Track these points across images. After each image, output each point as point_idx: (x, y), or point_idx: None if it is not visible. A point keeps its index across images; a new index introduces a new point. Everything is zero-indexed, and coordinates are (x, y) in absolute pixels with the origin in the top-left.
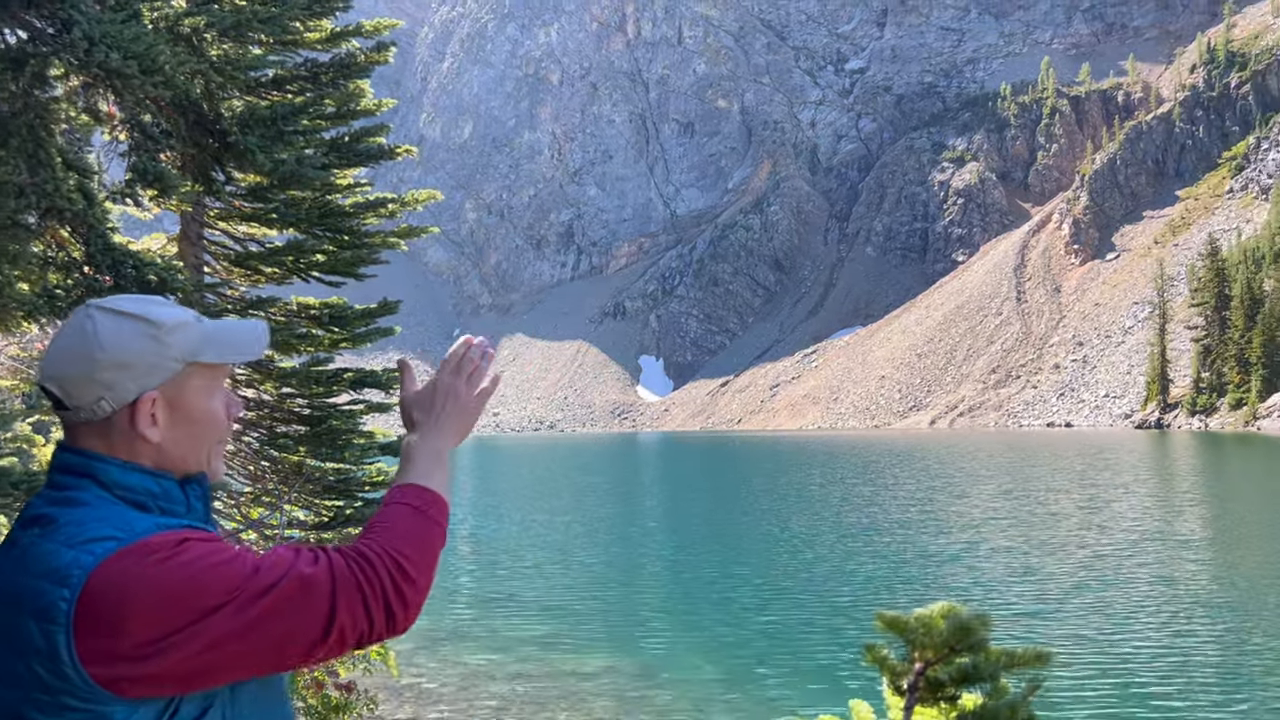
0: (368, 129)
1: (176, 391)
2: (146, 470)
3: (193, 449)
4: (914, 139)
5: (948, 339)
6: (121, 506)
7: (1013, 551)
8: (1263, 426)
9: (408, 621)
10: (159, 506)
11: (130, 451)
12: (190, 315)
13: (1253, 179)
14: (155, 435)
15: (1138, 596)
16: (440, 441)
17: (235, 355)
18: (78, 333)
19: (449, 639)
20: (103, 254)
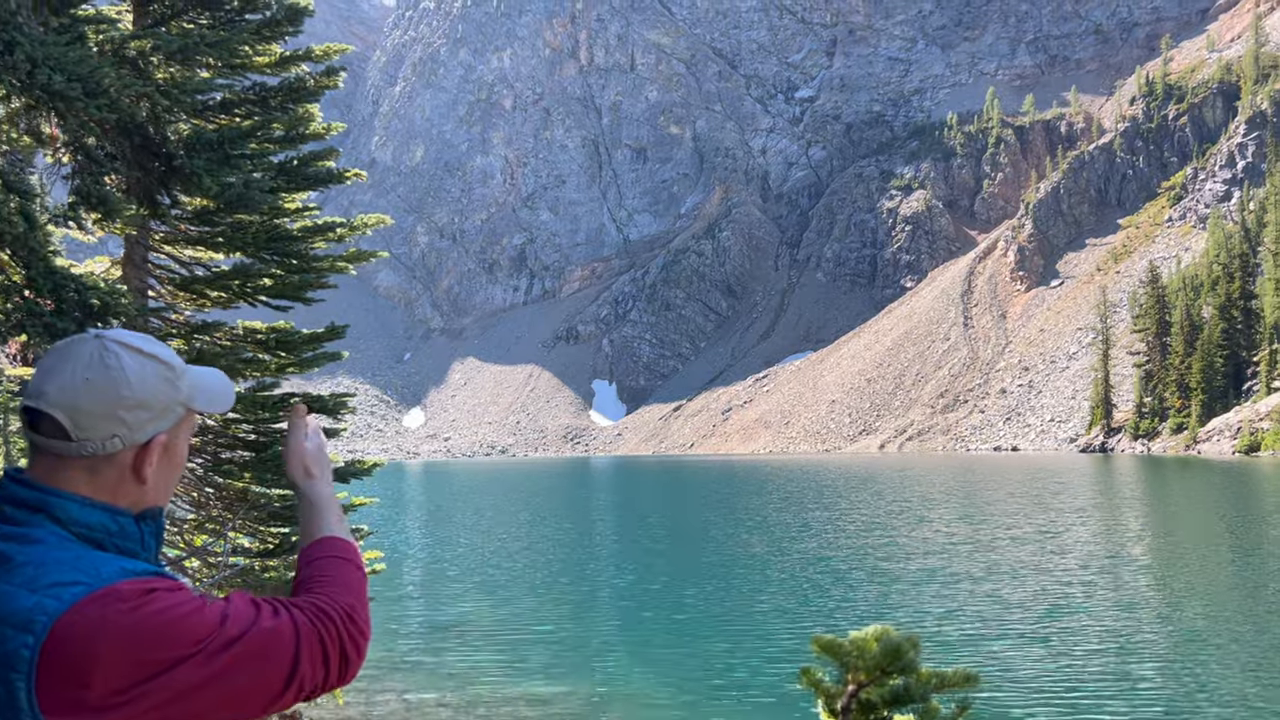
0: (317, 153)
1: (174, 435)
2: (105, 507)
3: (167, 489)
4: (863, 167)
5: (896, 364)
6: (79, 546)
7: (971, 576)
8: (1202, 450)
9: (358, 669)
10: (115, 545)
11: (116, 491)
12: (183, 362)
13: (1191, 208)
14: (150, 477)
15: (1089, 620)
16: (331, 490)
17: (219, 406)
18: (98, 366)
19: (395, 668)
20: (44, 277)
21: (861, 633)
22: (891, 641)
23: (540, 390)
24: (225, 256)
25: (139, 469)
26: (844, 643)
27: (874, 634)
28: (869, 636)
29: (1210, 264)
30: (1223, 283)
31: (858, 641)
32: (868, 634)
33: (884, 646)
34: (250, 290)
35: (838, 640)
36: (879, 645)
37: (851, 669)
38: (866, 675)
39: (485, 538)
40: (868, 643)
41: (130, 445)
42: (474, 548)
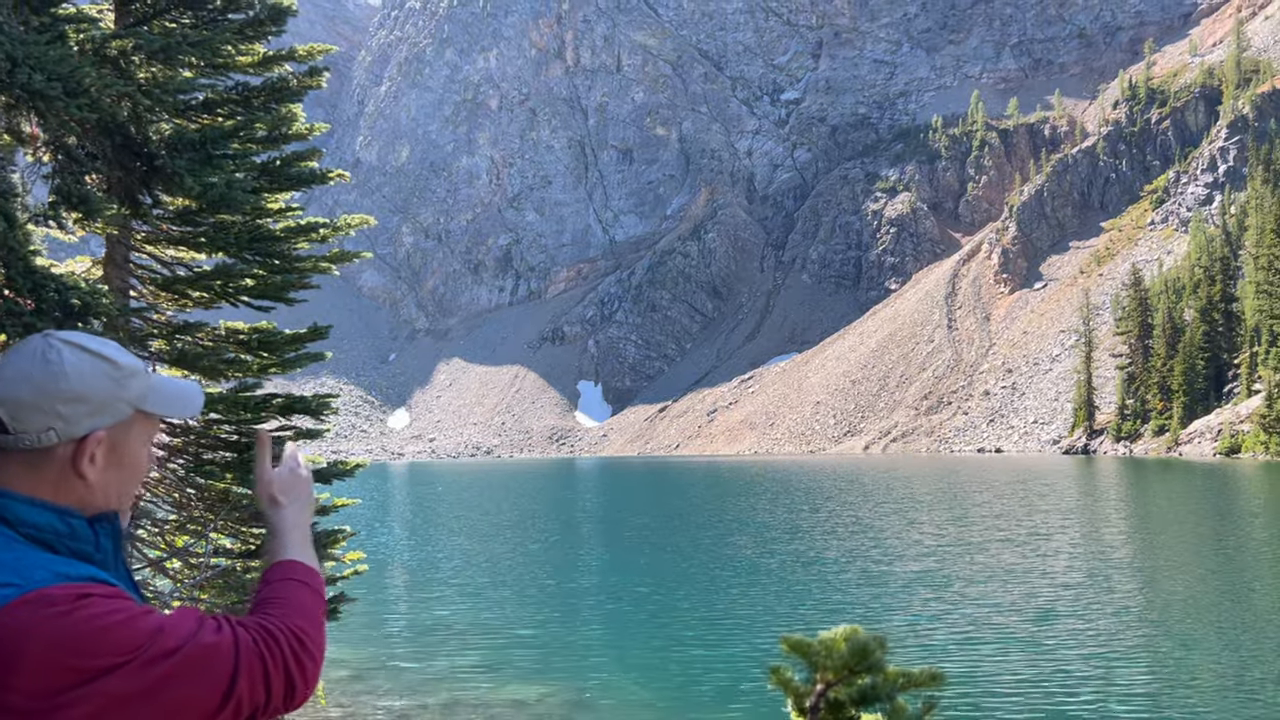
0: (300, 153)
1: (121, 435)
2: (53, 508)
3: (118, 493)
4: (848, 169)
5: (881, 365)
6: (25, 547)
7: (963, 578)
8: (1184, 452)
9: (306, 694)
10: (67, 546)
11: (57, 487)
12: (142, 365)
13: (1173, 211)
14: (92, 475)
15: (1079, 622)
16: (305, 518)
17: (176, 410)
18: (38, 359)
19: (379, 668)
20: (23, 277)
21: (831, 633)
22: (859, 641)
23: (525, 391)
24: (207, 256)
25: (77, 464)
26: (813, 642)
27: (843, 634)
28: (838, 636)
29: (1192, 267)
30: (1204, 286)
31: (826, 641)
32: (837, 634)
33: (851, 646)
34: (232, 290)
35: (806, 640)
36: (847, 645)
37: (820, 668)
38: (834, 674)
39: (470, 539)
40: (836, 642)
41: (66, 439)
42: (459, 549)
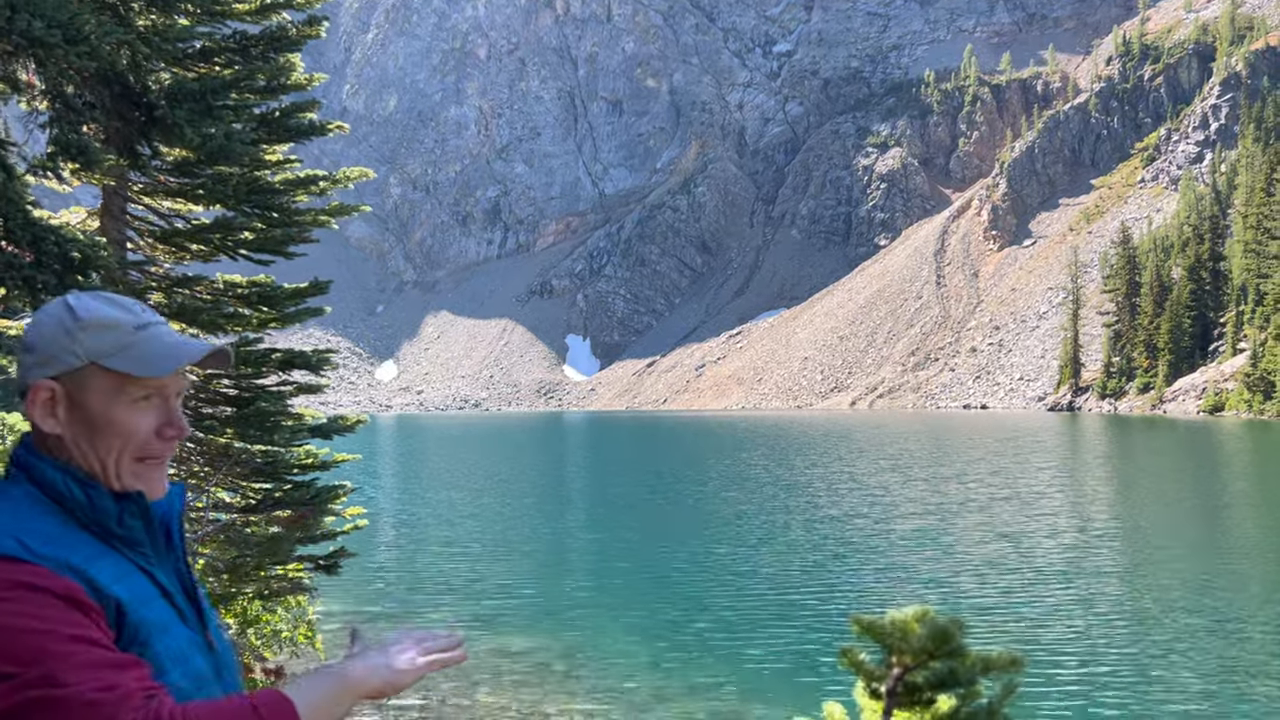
0: (298, 104)
1: (76, 388)
2: (68, 471)
3: (92, 453)
4: (839, 123)
5: (869, 321)
6: (36, 512)
7: (971, 538)
8: (1168, 409)
9: None
10: (88, 518)
11: (40, 441)
12: (133, 321)
13: (1163, 170)
14: (50, 426)
15: (1091, 581)
16: (356, 686)
17: (137, 369)
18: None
19: (374, 620)
20: (23, 229)
21: (902, 613)
22: (938, 625)
23: (514, 345)
24: (205, 209)
25: (29, 410)
26: (885, 624)
27: (914, 615)
28: (909, 618)
29: (1181, 225)
30: (1192, 244)
31: (899, 623)
32: (908, 615)
33: (930, 630)
34: (231, 244)
35: (879, 621)
36: (924, 628)
37: (896, 651)
38: (912, 658)
39: (463, 494)
40: (909, 624)
41: (24, 387)
42: (451, 503)
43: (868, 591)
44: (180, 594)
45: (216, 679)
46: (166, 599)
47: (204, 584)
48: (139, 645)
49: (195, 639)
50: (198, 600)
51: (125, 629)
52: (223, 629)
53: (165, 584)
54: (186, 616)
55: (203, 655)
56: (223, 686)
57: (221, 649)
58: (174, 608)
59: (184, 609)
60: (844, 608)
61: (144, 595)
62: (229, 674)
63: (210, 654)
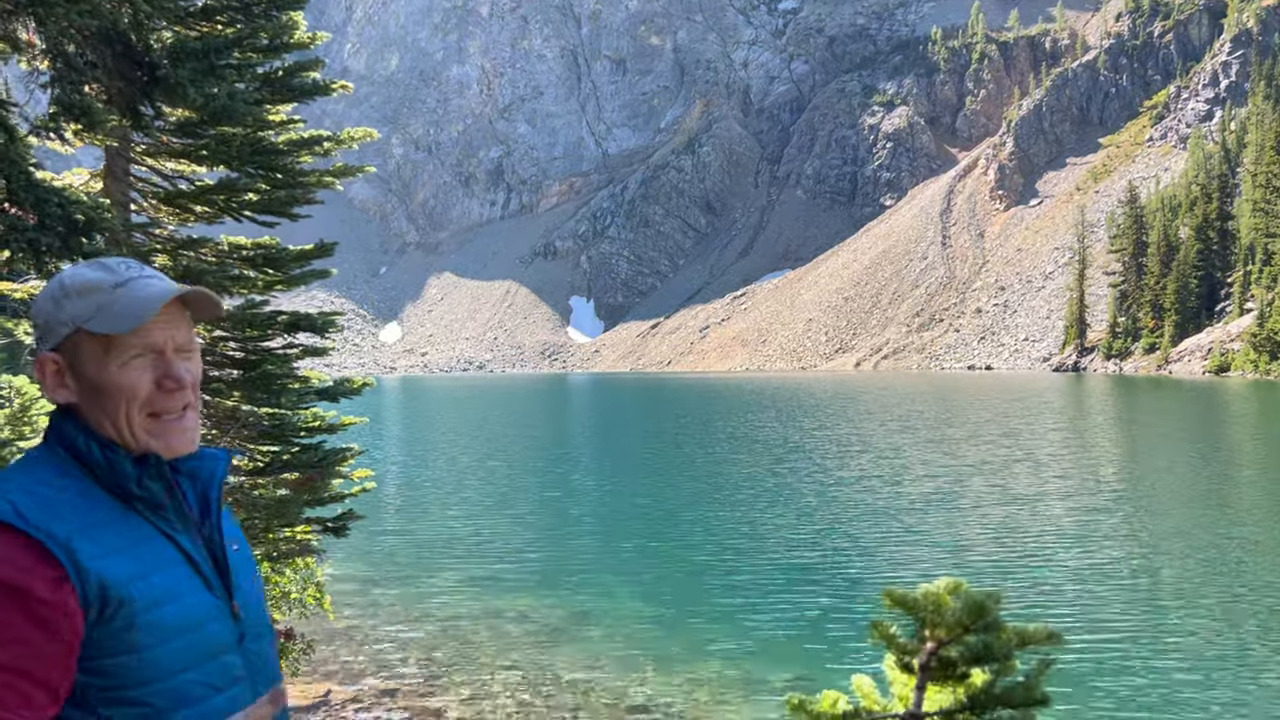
0: (302, 63)
1: (73, 356)
2: (95, 437)
3: (104, 418)
4: (845, 82)
5: (874, 282)
6: (55, 474)
7: (990, 500)
8: (1174, 370)
9: None
10: (110, 480)
11: (76, 413)
12: (112, 280)
13: (1172, 128)
14: (63, 396)
15: (1109, 550)
16: None
17: (113, 325)
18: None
19: (382, 581)
20: (26, 191)
21: (934, 587)
22: (973, 599)
23: (518, 306)
24: (209, 170)
25: (40, 386)
26: (918, 597)
27: (947, 588)
28: (942, 590)
29: (1189, 184)
30: (1201, 203)
31: (931, 596)
32: (940, 588)
33: (966, 604)
34: (236, 205)
35: (912, 595)
36: (959, 602)
37: (930, 625)
38: (947, 632)
39: (469, 455)
40: (941, 598)
41: (36, 358)
42: (457, 465)
43: (883, 556)
44: (207, 561)
45: (237, 647)
46: (191, 565)
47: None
48: (123, 620)
49: (217, 607)
50: (227, 568)
51: (107, 604)
52: (258, 597)
53: (190, 549)
54: (212, 584)
55: (222, 623)
56: (243, 654)
57: (250, 618)
58: (198, 575)
59: (209, 576)
60: (858, 573)
61: (150, 564)
62: (255, 641)
63: (233, 622)
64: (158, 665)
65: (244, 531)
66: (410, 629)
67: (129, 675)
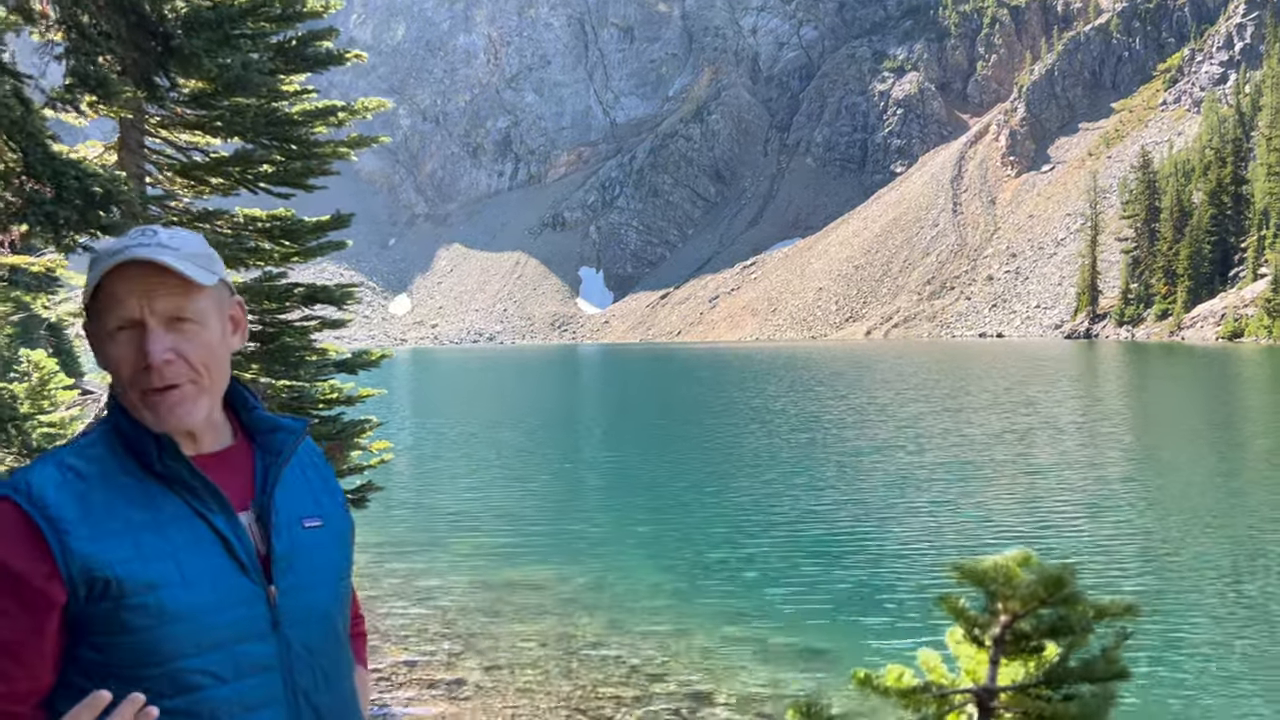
0: (315, 32)
1: (88, 324)
2: (126, 415)
3: (124, 393)
4: (855, 48)
5: (884, 250)
6: (93, 449)
7: (1010, 470)
8: (1186, 336)
9: None
10: (138, 451)
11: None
12: (111, 248)
13: (1186, 91)
14: (99, 364)
15: (1147, 519)
16: None
17: (83, 299)
18: None
19: (400, 553)
20: (43, 163)
21: (1003, 559)
22: (1050, 572)
23: (527, 277)
24: (223, 142)
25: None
26: (989, 569)
27: (1017, 559)
28: (1011, 562)
29: (1203, 149)
30: (1214, 168)
31: (1001, 569)
32: (1010, 560)
33: (1041, 577)
34: (251, 177)
35: (982, 566)
36: (1033, 574)
37: (1001, 598)
38: (1022, 605)
39: (484, 427)
40: (1011, 570)
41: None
42: (473, 437)
43: (908, 526)
44: (246, 543)
45: (270, 634)
46: (224, 546)
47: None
48: (111, 602)
49: (249, 591)
50: (270, 550)
51: (94, 585)
52: (322, 580)
53: (225, 530)
54: (248, 567)
55: (252, 606)
56: (279, 643)
57: (295, 603)
58: (233, 557)
59: (244, 559)
60: (882, 543)
61: (163, 547)
62: (296, 629)
63: (267, 608)
64: (153, 649)
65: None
66: (428, 600)
67: (121, 656)
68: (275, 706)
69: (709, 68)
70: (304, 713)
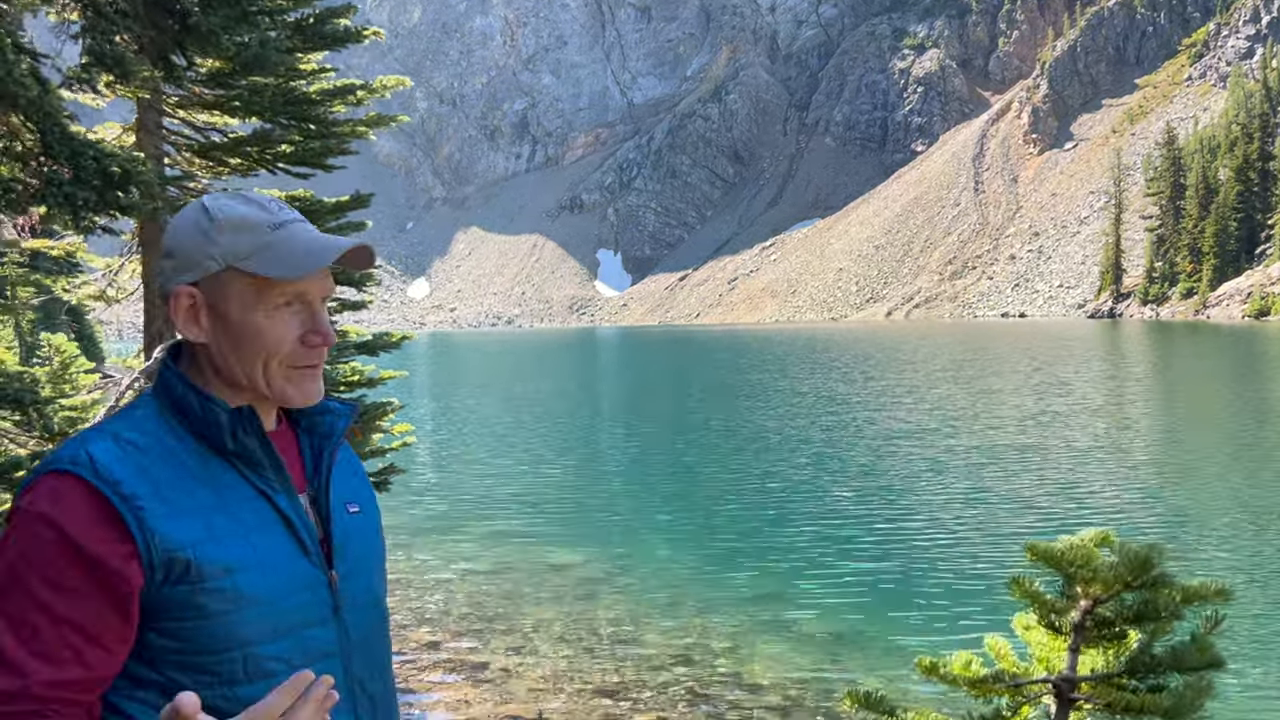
0: (333, 9)
1: (217, 294)
2: (194, 388)
3: (238, 364)
4: (875, 25)
5: (905, 230)
6: (158, 421)
7: (1057, 453)
8: (1211, 315)
9: None
10: (204, 432)
11: (191, 352)
12: (271, 220)
13: (1211, 66)
14: (194, 334)
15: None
16: None
17: (277, 271)
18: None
19: (423, 535)
20: (60, 144)
21: (1079, 539)
22: (1135, 552)
23: (545, 260)
24: (241, 121)
25: (173, 318)
26: (1065, 550)
27: (1094, 539)
28: (1089, 543)
29: (1229, 124)
30: (1241, 144)
31: (1079, 549)
32: (1086, 540)
33: (1125, 558)
34: (270, 157)
35: (1057, 548)
36: (1117, 555)
37: (1081, 581)
38: (1104, 589)
39: (505, 409)
40: (1090, 551)
41: (166, 295)
42: (494, 420)
43: (946, 510)
44: (308, 525)
45: (332, 619)
46: (288, 528)
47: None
48: (189, 585)
49: (312, 575)
50: (330, 532)
51: (173, 567)
52: (370, 567)
53: (289, 511)
54: (310, 550)
55: (315, 592)
56: (339, 628)
57: (352, 588)
58: (295, 539)
59: (307, 542)
60: (917, 526)
61: (234, 526)
62: (354, 613)
63: (329, 592)
64: (229, 634)
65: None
66: (452, 583)
67: (197, 641)
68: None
69: (727, 46)
70: (360, 701)
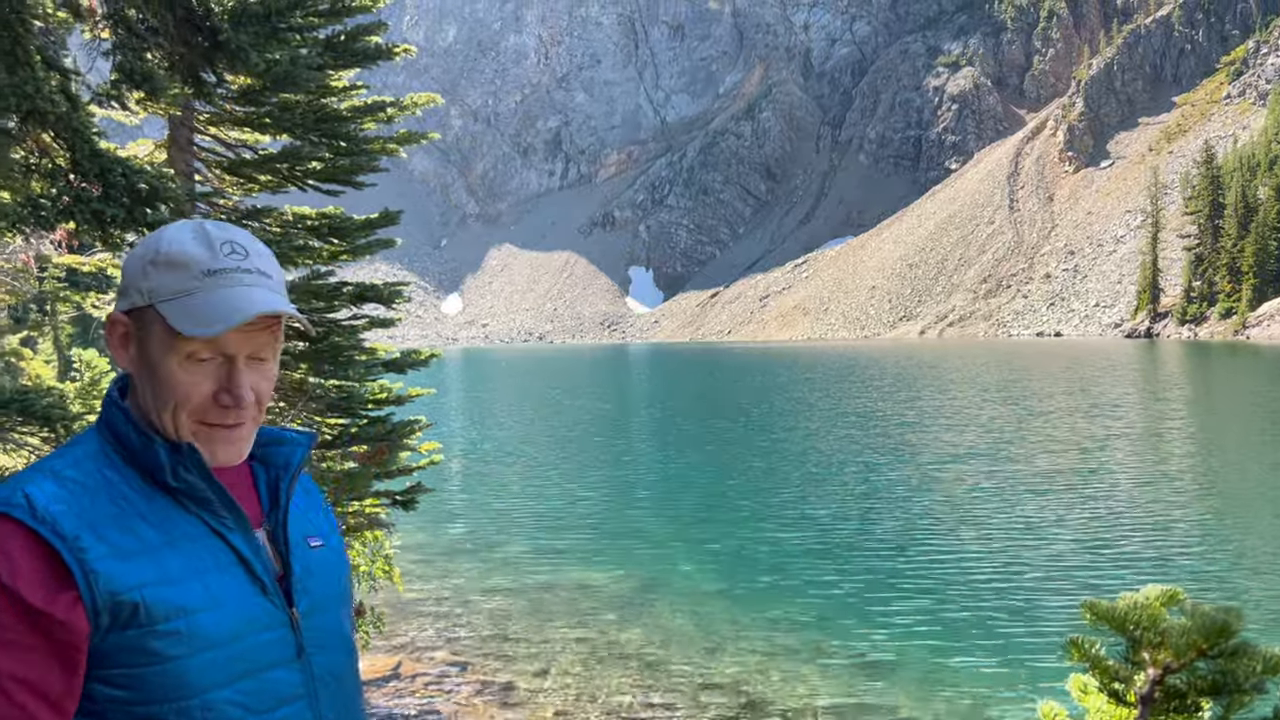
0: (365, 26)
1: (144, 329)
2: (133, 421)
3: (152, 403)
4: (909, 43)
5: (939, 248)
6: (94, 458)
7: (1114, 483)
8: (1251, 335)
9: None
10: (145, 468)
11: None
12: (205, 265)
13: (1251, 84)
14: (123, 363)
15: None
16: None
17: (182, 323)
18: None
19: (450, 554)
20: (89, 161)
21: (1145, 596)
22: (1211, 618)
23: (577, 277)
24: (272, 138)
25: (108, 343)
26: (1128, 609)
27: (1160, 598)
28: (1154, 602)
29: (1269, 142)
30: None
31: (1146, 611)
32: (1151, 598)
33: (1201, 623)
34: (300, 174)
35: (1117, 607)
36: (1192, 621)
37: (1148, 646)
38: (1176, 657)
39: (534, 427)
40: (1155, 610)
41: (109, 316)
42: (523, 437)
43: (997, 540)
44: (266, 562)
45: (294, 660)
46: (243, 566)
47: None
48: (138, 629)
49: (270, 614)
50: (289, 569)
51: (119, 611)
52: (335, 603)
53: (243, 548)
54: (268, 588)
55: (275, 631)
56: (303, 670)
57: (316, 626)
58: (252, 577)
59: (265, 579)
60: (972, 561)
61: (185, 566)
62: (321, 654)
63: (291, 632)
64: (184, 680)
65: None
66: (479, 602)
67: (148, 690)
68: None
69: (760, 64)
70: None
